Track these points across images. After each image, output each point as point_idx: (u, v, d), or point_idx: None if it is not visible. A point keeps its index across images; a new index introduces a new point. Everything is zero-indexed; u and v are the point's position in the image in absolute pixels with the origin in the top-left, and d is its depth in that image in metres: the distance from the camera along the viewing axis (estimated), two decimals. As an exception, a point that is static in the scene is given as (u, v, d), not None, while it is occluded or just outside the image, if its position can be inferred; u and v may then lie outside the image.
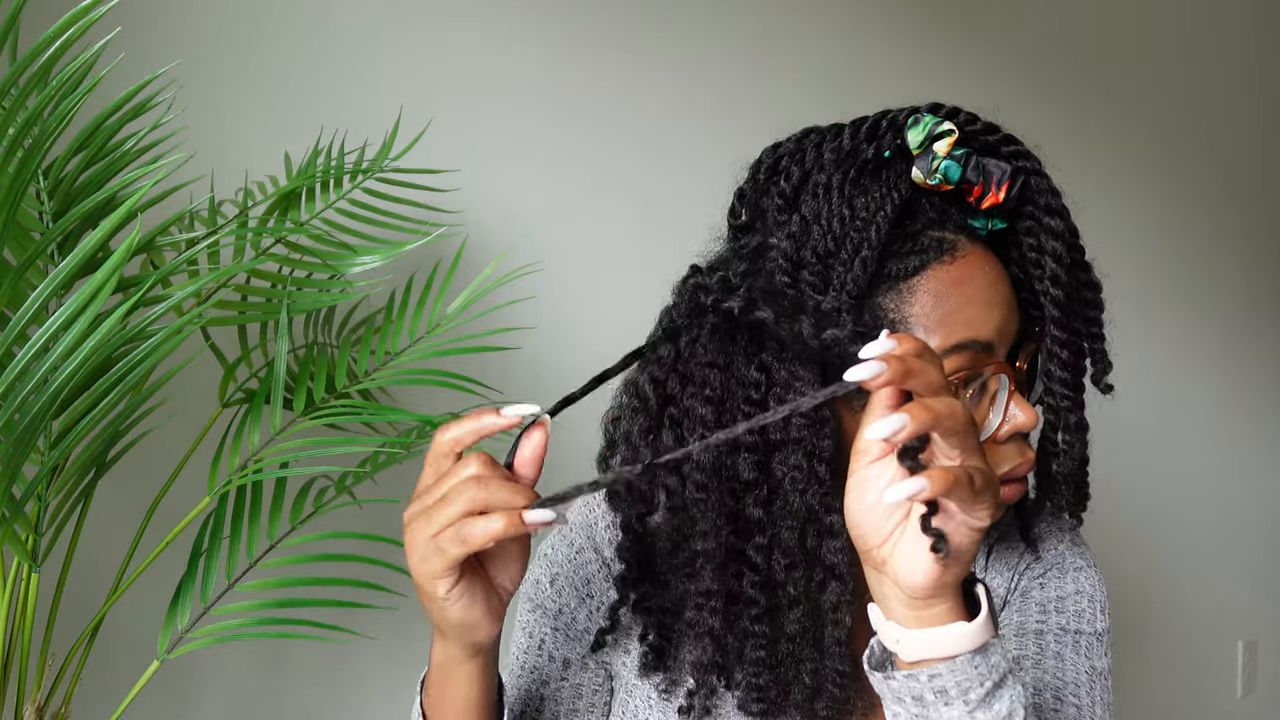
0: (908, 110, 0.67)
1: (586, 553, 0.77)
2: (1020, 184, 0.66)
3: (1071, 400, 0.67)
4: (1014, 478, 0.68)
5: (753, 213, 0.69)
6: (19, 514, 0.88)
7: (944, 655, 0.54)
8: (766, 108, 1.77)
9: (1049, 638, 0.74)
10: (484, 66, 1.54)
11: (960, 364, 0.64)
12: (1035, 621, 0.75)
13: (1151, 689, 2.34)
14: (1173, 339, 2.40)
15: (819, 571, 0.64)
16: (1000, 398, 0.66)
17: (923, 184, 0.65)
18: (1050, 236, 0.65)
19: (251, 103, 1.37)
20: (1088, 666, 0.73)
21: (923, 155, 0.65)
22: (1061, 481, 0.71)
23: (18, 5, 0.83)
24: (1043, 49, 2.17)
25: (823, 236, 0.64)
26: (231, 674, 1.37)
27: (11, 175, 0.80)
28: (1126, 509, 2.26)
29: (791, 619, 0.65)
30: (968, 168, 0.65)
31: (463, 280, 1.28)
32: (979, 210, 0.67)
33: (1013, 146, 0.67)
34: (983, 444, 0.65)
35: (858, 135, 0.66)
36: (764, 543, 0.65)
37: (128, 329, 0.85)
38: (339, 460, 1.15)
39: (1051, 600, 0.75)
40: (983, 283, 0.65)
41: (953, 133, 0.64)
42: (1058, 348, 0.66)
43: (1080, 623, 0.74)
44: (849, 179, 0.65)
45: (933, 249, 0.65)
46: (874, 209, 0.64)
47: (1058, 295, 0.65)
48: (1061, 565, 0.77)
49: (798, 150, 0.68)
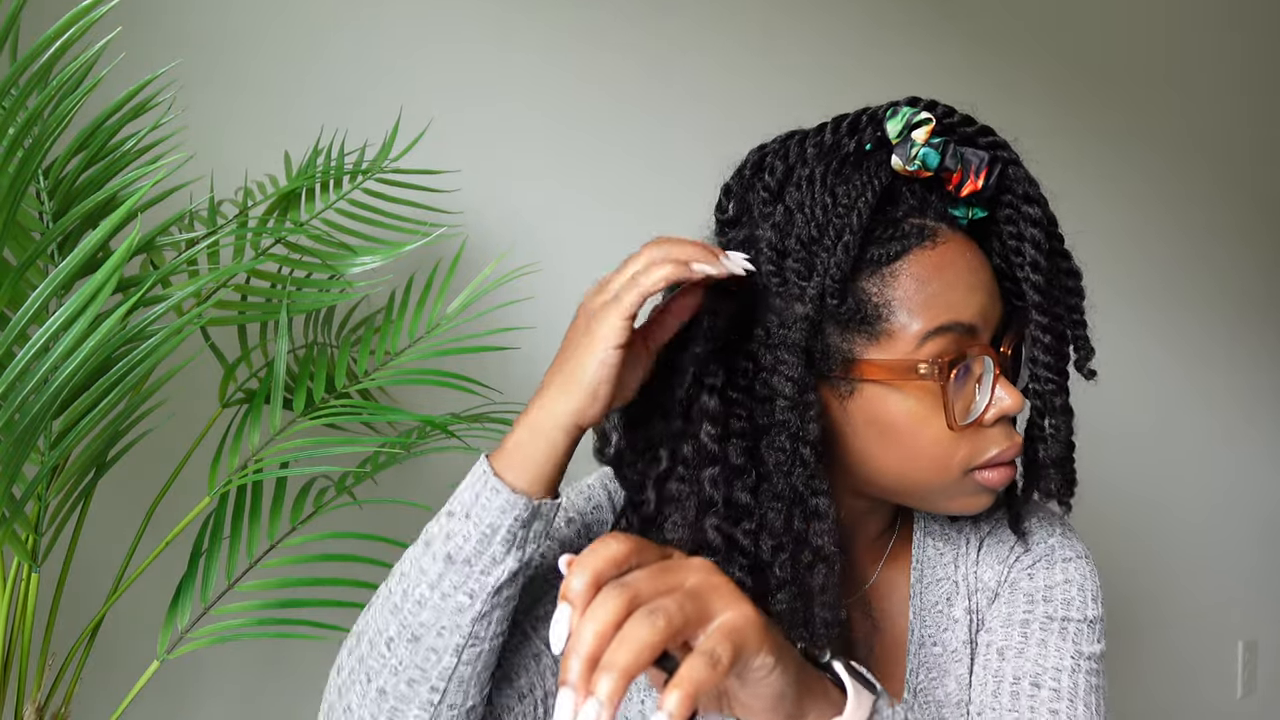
0: (886, 104, 0.69)
1: (604, 512, 0.77)
2: (998, 172, 0.67)
3: (1056, 384, 0.68)
4: (1001, 461, 0.69)
5: (739, 207, 0.71)
6: (19, 514, 0.88)
7: None
8: (765, 108, 1.77)
9: (1034, 626, 0.74)
10: (484, 67, 1.54)
11: (944, 346, 0.65)
12: (1022, 612, 0.75)
13: (1151, 689, 2.34)
14: (1171, 338, 2.40)
15: (806, 554, 0.65)
16: (985, 381, 0.67)
17: (902, 171, 0.67)
18: (1029, 224, 0.67)
19: (251, 103, 1.37)
20: (1073, 651, 0.73)
21: (902, 143, 0.67)
22: (1049, 466, 0.72)
23: (18, 5, 0.83)
24: (1036, 49, 2.17)
25: (806, 224, 0.66)
26: (231, 674, 1.37)
27: (11, 175, 0.80)
28: (1126, 509, 2.26)
29: (779, 600, 0.66)
30: (946, 155, 0.67)
31: (462, 280, 1.28)
32: (959, 198, 0.68)
33: (990, 137, 0.68)
34: (967, 429, 0.67)
35: (839, 130, 0.68)
36: (752, 527, 0.66)
37: (128, 329, 0.85)
38: (339, 460, 1.15)
39: (1039, 590, 0.76)
40: (964, 267, 0.67)
41: (930, 121, 0.66)
42: (1040, 333, 0.67)
43: (1069, 610, 0.74)
44: (831, 170, 0.67)
45: (914, 234, 0.67)
46: (855, 195, 0.66)
47: (1038, 281, 0.66)
48: (1051, 557, 0.77)
49: (782, 148, 0.70)
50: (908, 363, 0.65)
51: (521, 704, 0.68)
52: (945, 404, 0.66)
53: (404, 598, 0.62)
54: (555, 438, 0.62)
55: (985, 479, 0.69)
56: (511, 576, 0.62)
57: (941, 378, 0.65)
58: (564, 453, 0.63)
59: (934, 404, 0.66)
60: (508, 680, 0.68)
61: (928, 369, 0.65)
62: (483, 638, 0.62)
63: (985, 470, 0.68)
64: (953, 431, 0.66)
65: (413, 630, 0.62)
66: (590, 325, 0.61)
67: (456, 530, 0.62)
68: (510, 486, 0.62)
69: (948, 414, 0.66)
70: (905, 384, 0.66)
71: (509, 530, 0.61)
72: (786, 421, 0.65)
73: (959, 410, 0.66)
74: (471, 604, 0.61)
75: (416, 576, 0.62)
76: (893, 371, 0.66)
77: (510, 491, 0.61)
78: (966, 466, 0.68)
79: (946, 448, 0.67)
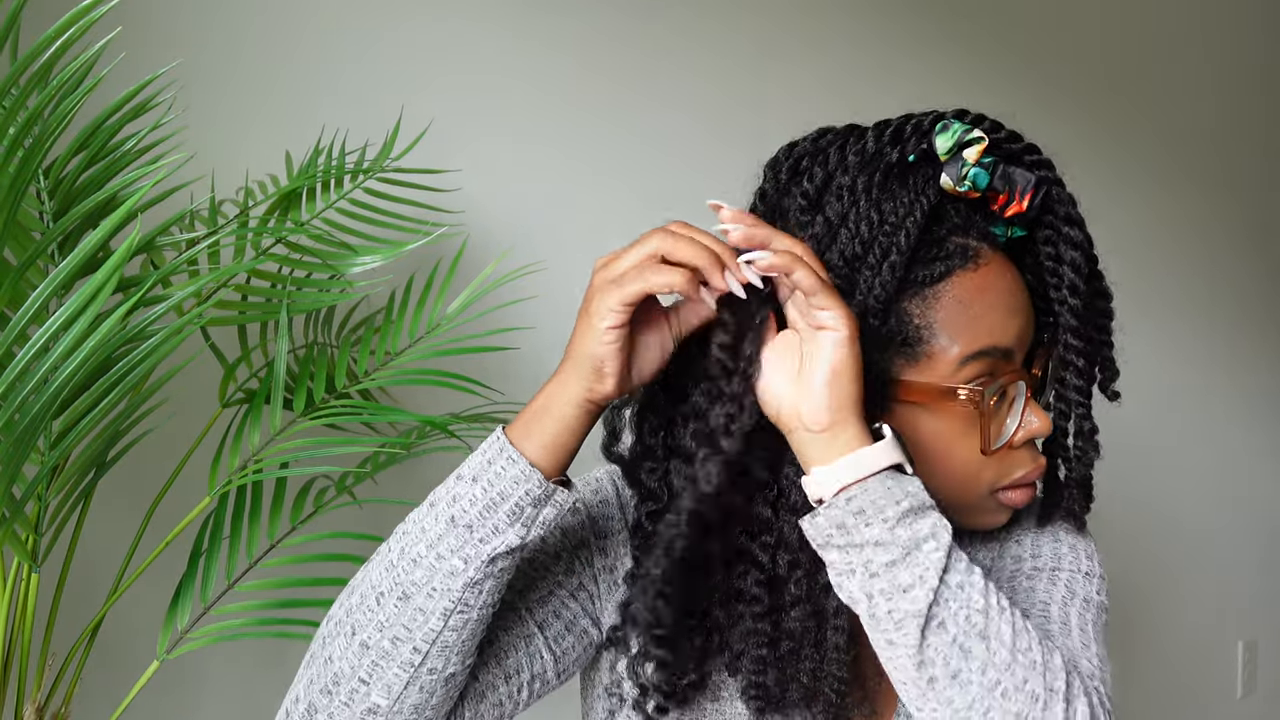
0: (933, 115, 0.66)
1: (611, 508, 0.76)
2: (1043, 194, 0.66)
3: (1085, 407, 0.68)
4: (1025, 483, 0.69)
5: (773, 213, 0.69)
6: (19, 514, 0.88)
7: (856, 478, 0.58)
8: (768, 105, 1.77)
9: (1020, 579, 0.73)
10: (485, 66, 1.54)
11: (981, 370, 0.65)
12: (1010, 571, 0.74)
13: (1151, 689, 2.34)
14: (1173, 338, 2.40)
15: (823, 574, 0.64)
16: (1017, 404, 0.67)
17: (951, 190, 0.65)
18: (1069, 246, 0.66)
19: (252, 103, 1.37)
20: (1064, 592, 0.71)
21: (952, 162, 0.65)
22: (1072, 486, 0.71)
23: (18, 5, 0.83)
24: (1043, 49, 2.17)
25: (850, 240, 0.64)
26: (231, 674, 1.37)
27: (11, 175, 0.80)
28: (1126, 509, 2.26)
29: (793, 617, 0.65)
30: (995, 176, 0.65)
31: (463, 280, 1.28)
32: (1001, 218, 0.67)
33: (1035, 156, 0.67)
34: (998, 451, 0.66)
35: (881, 138, 0.66)
36: (770, 541, 0.65)
37: (128, 329, 0.85)
38: (339, 460, 1.15)
39: (1027, 550, 0.75)
40: (1004, 290, 0.66)
41: (982, 140, 0.64)
42: (1073, 355, 0.66)
43: (1058, 563, 0.73)
44: (875, 182, 0.65)
45: (957, 255, 0.65)
46: (903, 214, 0.64)
47: (1075, 305, 0.66)
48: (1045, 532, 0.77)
49: (817, 151, 0.68)
50: (946, 387, 0.65)
51: (508, 684, 0.67)
52: (982, 430, 0.65)
53: (400, 555, 0.61)
54: (568, 413, 0.61)
55: (1008, 499, 0.69)
56: (509, 550, 0.61)
57: (981, 404, 0.65)
58: (580, 428, 0.62)
59: (965, 426, 0.65)
60: (496, 659, 0.67)
61: (967, 395, 0.64)
62: (472, 605, 0.61)
63: (1009, 490, 0.68)
64: (985, 455, 0.66)
65: (404, 588, 0.61)
66: (588, 303, 0.61)
67: (464, 493, 0.61)
68: (527, 458, 0.60)
69: (983, 439, 0.65)
70: (940, 406, 0.65)
71: (517, 503, 0.60)
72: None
73: (993, 434, 0.66)
74: (465, 569, 0.60)
75: (416, 535, 0.61)
76: (930, 395, 0.65)
77: (527, 464, 0.60)
78: (992, 487, 0.68)
79: (975, 469, 0.67)
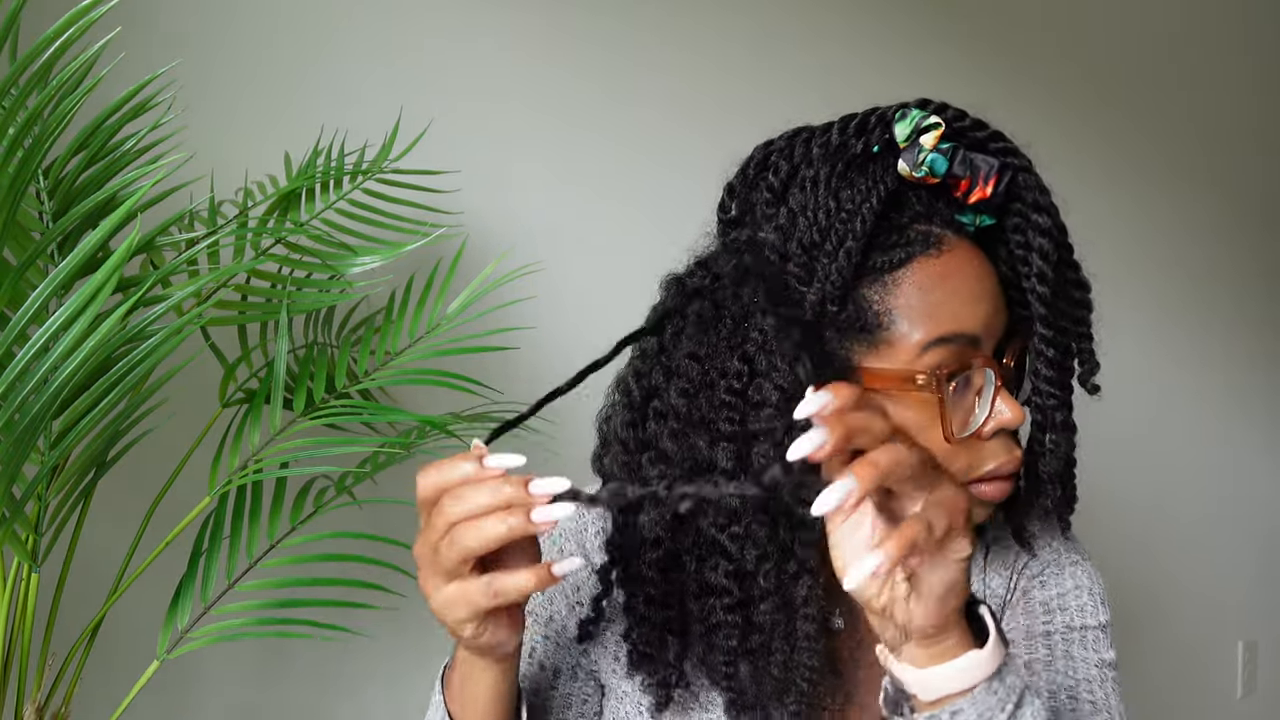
0: (896, 106, 0.67)
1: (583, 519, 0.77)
2: (1008, 180, 0.65)
3: (1058, 400, 0.67)
4: (1000, 475, 0.67)
5: (741, 207, 0.69)
6: (19, 514, 0.88)
7: (962, 689, 0.54)
8: (764, 107, 1.76)
9: (1056, 638, 0.74)
10: (484, 67, 1.54)
11: (945, 357, 0.64)
12: (1041, 624, 0.75)
13: (1152, 689, 2.34)
14: (1170, 338, 2.40)
15: (791, 564, 0.64)
16: (986, 393, 0.66)
17: (909, 176, 0.65)
18: (1038, 234, 0.65)
19: (251, 103, 1.37)
20: (1096, 660, 0.73)
21: (909, 148, 0.65)
22: (1049, 482, 0.70)
23: (18, 5, 0.83)
24: (1037, 48, 2.17)
25: (808, 228, 0.64)
26: (231, 674, 1.37)
27: (11, 175, 0.80)
28: (1126, 509, 2.26)
29: (762, 610, 0.65)
30: (955, 161, 0.65)
31: (463, 280, 1.28)
32: (966, 205, 0.67)
33: (1001, 143, 0.66)
34: (966, 440, 0.65)
35: (846, 130, 0.66)
36: (740, 532, 0.65)
37: (128, 329, 0.85)
38: (339, 460, 1.15)
39: (1053, 599, 0.76)
40: (969, 277, 0.65)
41: (939, 125, 0.64)
42: (1044, 346, 0.65)
43: (1084, 618, 0.75)
44: (836, 172, 0.65)
45: (918, 242, 0.65)
46: (859, 200, 0.64)
47: (1044, 293, 0.65)
48: (1058, 561, 0.77)
49: (788, 147, 0.68)
50: (906, 373, 0.64)
51: None
52: (943, 416, 0.64)
53: None
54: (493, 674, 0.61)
55: (982, 492, 0.67)
56: None
57: (939, 389, 0.63)
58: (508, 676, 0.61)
59: (932, 415, 0.64)
60: None
61: (926, 380, 0.63)
62: None
63: (982, 483, 0.67)
64: (950, 443, 0.65)
65: None
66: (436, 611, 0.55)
67: None
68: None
69: (945, 426, 0.64)
70: (903, 394, 0.64)
71: None
72: (773, 430, 0.63)
73: (957, 423, 0.65)
74: None
75: None
76: (891, 381, 0.64)
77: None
78: (963, 479, 0.66)
79: (944, 459, 0.65)
